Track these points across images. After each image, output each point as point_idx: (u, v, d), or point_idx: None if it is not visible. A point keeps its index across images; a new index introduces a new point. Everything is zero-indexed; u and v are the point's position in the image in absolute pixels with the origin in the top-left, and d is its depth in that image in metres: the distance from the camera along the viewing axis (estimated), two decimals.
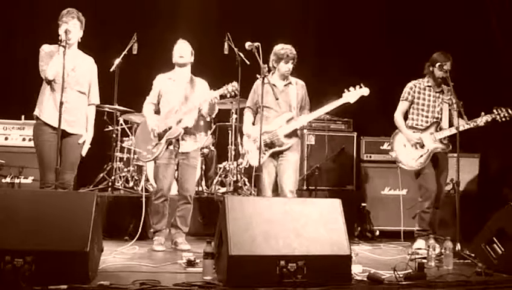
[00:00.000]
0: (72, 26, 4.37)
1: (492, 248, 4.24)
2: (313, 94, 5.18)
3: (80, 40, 4.53)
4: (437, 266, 4.30)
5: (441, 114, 5.24)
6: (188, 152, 4.90)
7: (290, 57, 4.87)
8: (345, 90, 4.83)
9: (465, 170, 5.60)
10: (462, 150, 4.96)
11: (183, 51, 4.91)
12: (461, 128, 4.92)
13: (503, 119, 4.91)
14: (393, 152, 5.37)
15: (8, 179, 5.68)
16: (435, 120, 5.23)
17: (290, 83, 5.00)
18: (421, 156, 5.16)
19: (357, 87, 4.82)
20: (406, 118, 5.39)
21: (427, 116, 5.26)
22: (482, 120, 4.98)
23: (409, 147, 5.24)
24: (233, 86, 4.60)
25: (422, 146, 5.17)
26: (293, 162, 4.89)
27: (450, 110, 5.24)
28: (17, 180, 5.69)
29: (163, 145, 4.77)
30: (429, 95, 5.28)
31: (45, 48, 4.45)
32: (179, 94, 4.89)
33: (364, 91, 4.83)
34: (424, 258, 4.40)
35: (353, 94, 4.81)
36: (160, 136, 4.79)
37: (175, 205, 4.98)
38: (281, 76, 4.97)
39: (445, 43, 5.92)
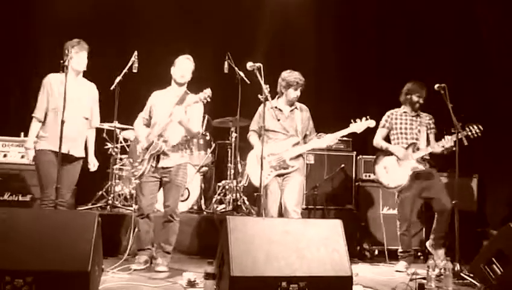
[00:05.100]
0: (83, 57, 4.61)
1: (492, 269, 4.26)
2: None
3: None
4: (437, 287, 4.31)
5: (419, 136, 5.44)
6: (169, 168, 4.70)
7: (300, 84, 4.97)
8: (352, 120, 4.93)
9: (464, 191, 5.61)
10: (461, 173, 4.97)
11: (185, 70, 4.82)
12: (437, 148, 5.14)
13: (475, 135, 5.00)
14: (374, 175, 5.58)
15: (6, 197, 5.64)
16: (413, 141, 5.39)
17: (295, 108, 5.09)
18: (403, 175, 5.30)
19: (364, 119, 4.92)
20: None
21: (406, 139, 5.46)
22: (452, 138, 5.05)
23: (390, 169, 5.41)
24: (205, 94, 4.51)
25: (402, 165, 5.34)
26: (297, 182, 4.92)
27: (428, 133, 5.45)
28: (15, 198, 5.65)
29: (146, 161, 4.65)
30: (406, 120, 5.52)
31: (48, 81, 4.59)
32: (166, 108, 4.71)
33: (370, 123, 4.95)
34: (424, 278, 4.40)
35: (360, 125, 4.92)
36: (144, 152, 4.68)
37: (160, 223, 4.81)
38: (288, 102, 5.06)
39: (438, 66, 6.03)
